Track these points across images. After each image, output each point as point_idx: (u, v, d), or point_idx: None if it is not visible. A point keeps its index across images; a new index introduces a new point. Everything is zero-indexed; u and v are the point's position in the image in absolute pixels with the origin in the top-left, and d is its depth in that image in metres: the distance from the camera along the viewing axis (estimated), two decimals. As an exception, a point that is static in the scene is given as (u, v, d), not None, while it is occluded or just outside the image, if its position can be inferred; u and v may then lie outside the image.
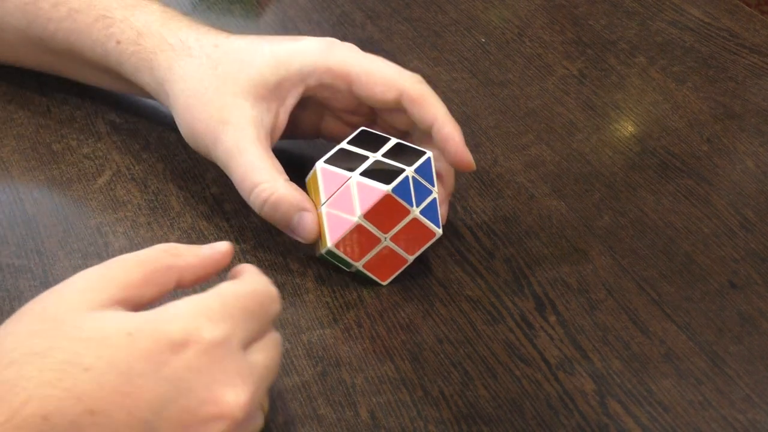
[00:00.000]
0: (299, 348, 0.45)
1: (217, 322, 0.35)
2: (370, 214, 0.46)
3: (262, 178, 0.48)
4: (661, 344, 0.47)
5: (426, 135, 0.50)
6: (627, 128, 0.62)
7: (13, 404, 0.32)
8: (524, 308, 0.48)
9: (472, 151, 0.49)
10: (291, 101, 0.50)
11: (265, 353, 0.38)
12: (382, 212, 0.46)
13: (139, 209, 0.53)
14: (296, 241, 0.49)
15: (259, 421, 0.38)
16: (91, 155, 0.56)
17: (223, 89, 0.49)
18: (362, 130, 0.50)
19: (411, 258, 0.48)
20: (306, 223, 0.47)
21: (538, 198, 0.55)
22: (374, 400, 0.44)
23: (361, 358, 0.46)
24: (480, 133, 0.59)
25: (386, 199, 0.46)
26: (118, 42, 0.52)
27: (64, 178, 0.55)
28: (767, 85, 0.65)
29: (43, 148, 0.57)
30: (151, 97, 0.55)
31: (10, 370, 0.33)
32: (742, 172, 0.58)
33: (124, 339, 0.34)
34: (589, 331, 0.47)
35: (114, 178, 0.55)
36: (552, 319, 0.48)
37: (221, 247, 0.40)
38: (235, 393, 0.35)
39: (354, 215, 0.46)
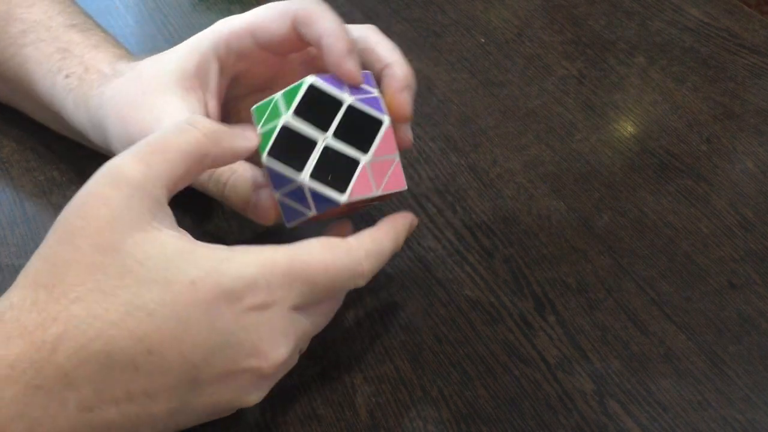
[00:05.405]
0: (299, 348, 0.46)
1: (274, 287, 0.38)
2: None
3: None
4: (661, 344, 0.47)
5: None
6: (626, 128, 0.62)
7: (81, 340, 0.34)
8: (523, 308, 0.48)
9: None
10: (213, 84, 0.48)
11: (314, 318, 0.41)
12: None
13: (139, 209, 0.53)
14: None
15: (293, 362, 0.41)
16: (92, 155, 0.56)
17: (150, 91, 0.48)
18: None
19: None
20: (262, 202, 0.45)
21: (537, 198, 0.55)
22: (373, 400, 0.44)
23: (360, 358, 0.46)
24: (480, 133, 0.59)
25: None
26: (67, 76, 0.51)
27: (64, 179, 0.55)
28: (766, 85, 0.65)
29: (43, 148, 0.57)
30: (90, 148, 0.54)
31: (78, 305, 0.35)
32: (742, 172, 0.58)
33: (187, 287, 0.36)
34: (588, 331, 0.47)
35: (114, 179, 0.55)
36: (551, 319, 0.48)
37: (250, 143, 0.42)
38: (277, 352, 0.38)
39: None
